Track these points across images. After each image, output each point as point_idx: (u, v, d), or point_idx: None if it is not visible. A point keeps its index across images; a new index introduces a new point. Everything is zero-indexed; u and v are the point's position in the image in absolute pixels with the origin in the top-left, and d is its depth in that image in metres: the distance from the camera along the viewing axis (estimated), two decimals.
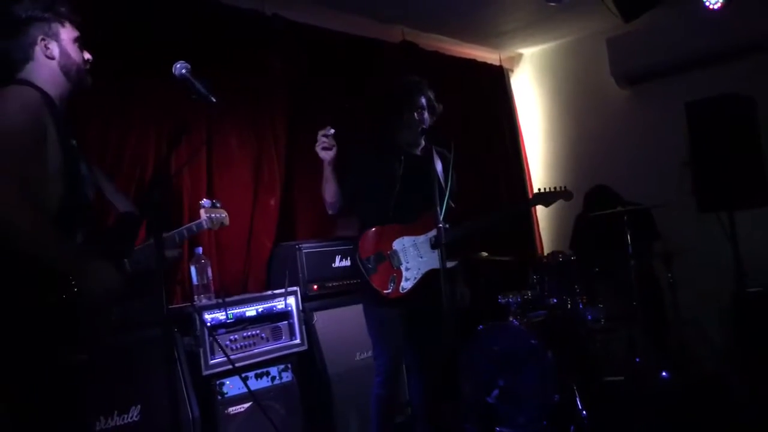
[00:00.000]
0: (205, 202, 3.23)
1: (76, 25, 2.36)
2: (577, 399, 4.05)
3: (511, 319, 4.35)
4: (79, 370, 2.02)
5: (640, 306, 4.66)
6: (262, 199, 4.49)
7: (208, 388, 3.51)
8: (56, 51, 2.29)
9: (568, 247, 5.65)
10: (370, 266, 3.42)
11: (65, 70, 2.30)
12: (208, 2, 4.39)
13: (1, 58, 2.26)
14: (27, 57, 2.26)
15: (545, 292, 4.66)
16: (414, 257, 3.45)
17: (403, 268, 3.44)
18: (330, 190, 3.41)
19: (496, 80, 6.84)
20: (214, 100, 2.21)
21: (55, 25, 2.29)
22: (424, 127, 3.50)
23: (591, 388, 4.27)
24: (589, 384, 4.29)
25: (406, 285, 3.42)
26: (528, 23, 6.01)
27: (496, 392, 4.10)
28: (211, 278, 3.82)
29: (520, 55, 7.09)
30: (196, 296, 3.73)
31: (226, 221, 3.25)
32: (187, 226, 3.03)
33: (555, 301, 4.62)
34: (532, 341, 4.09)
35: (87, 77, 2.37)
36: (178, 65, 2.25)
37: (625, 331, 4.84)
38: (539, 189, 3.81)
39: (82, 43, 2.36)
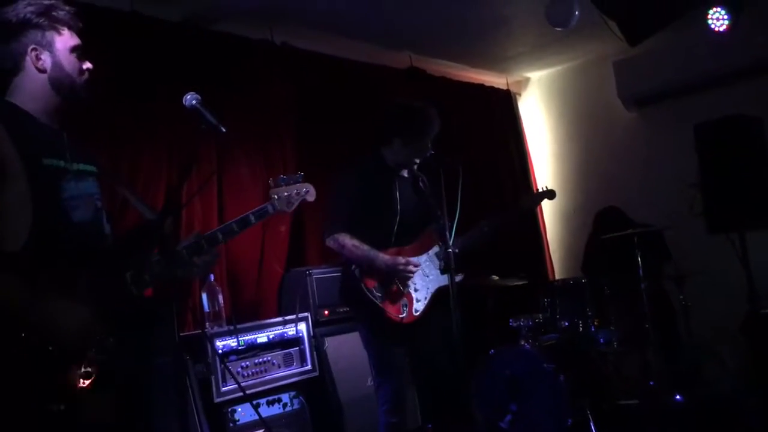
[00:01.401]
0: (273, 180, 2.63)
1: (76, 31, 2.18)
2: (591, 423, 4.01)
3: (522, 342, 4.33)
4: (58, 420, 1.84)
5: (653, 328, 4.63)
6: (272, 226, 4.52)
7: (220, 415, 3.51)
8: (48, 63, 2.11)
9: (580, 270, 5.64)
10: (379, 294, 3.37)
11: (56, 83, 2.13)
12: (219, 33, 4.47)
13: (6, 63, 2.12)
14: (17, 67, 2.11)
15: (557, 315, 4.65)
16: (421, 278, 3.45)
17: (412, 290, 3.43)
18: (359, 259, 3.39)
19: (504, 104, 6.88)
20: (224, 130, 2.21)
21: (50, 33, 2.11)
22: (432, 152, 3.52)
23: (604, 411, 4.23)
24: (603, 407, 4.25)
25: (419, 307, 3.42)
26: (534, 47, 6.06)
27: (509, 417, 4.08)
28: (222, 305, 3.84)
29: (528, 79, 7.13)
30: (207, 323, 3.73)
31: (309, 196, 2.61)
32: (238, 218, 2.46)
33: (567, 324, 4.60)
34: (545, 365, 4.07)
35: (83, 91, 2.18)
36: (189, 96, 2.26)
37: (637, 353, 4.80)
38: (522, 196, 3.88)
39: (81, 51, 2.18)
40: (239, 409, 3.58)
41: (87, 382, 1.90)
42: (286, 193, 2.54)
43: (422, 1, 4.74)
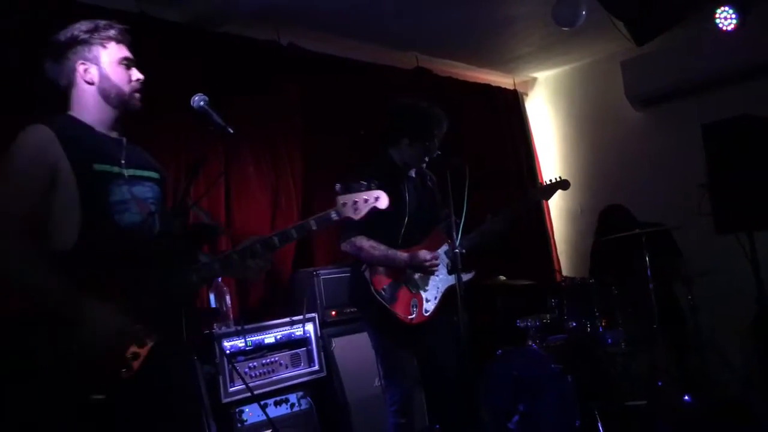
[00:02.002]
0: (341, 186, 2.45)
1: (126, 44, 2.32)
2: (599, 423, 4.01)
3: (530, 343, 4.33)
4: (98, 409, 1.95)
5: (661, 328, 4.61)
6: (279, 226, 4.52)
7: (227, 415, 3.52)
8: (96, 75, 2.26)
9: (588, 271, 5.62)
10: (388, 296, 3.36)
11: (104, 94, 2.27)
12: (225, 34, 4.48)
13: (54, 86, 2.29)
14: (71, 83, 2.28)
15: (564, 316, 4.64)
16: (430, 278, 3.45)
17: (421, 291, 3.43)
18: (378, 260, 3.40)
19: (511, 104, 6.87)
20: (232, 131, 2.23)
21: (96, 48, 2.26)
22: (439, 152, 3.52)
23: (612, 412, 4.22)
24: (611, 408, 4.24)
25: (429, 307, 3.42)
26: (541, 47, 6.05)
27: (516, 418, 4.08)
28: (229, 305, 3.85)
29: (535, 79, 7.12)
30: (215, 324, 3.74)
31: (381, 203, 2.45)
32: (297, 224, 2.39)
33: (574, 324, 4.59)
34: (552, 365, 4.07)
35: (133, 99, 2.31)
36: (197, 98, 2.27)
37: (646, 354, 4.79)
38: (536, 185, 3.83)
39: (129, 62, 2.31)
40: (247, 410, 3.58)
41: (129, 374, 2.01)
42: (354, 200, 2.41)
43: (428, 1, 4.74)
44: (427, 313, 3.40)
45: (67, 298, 2.00)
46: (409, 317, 3.36)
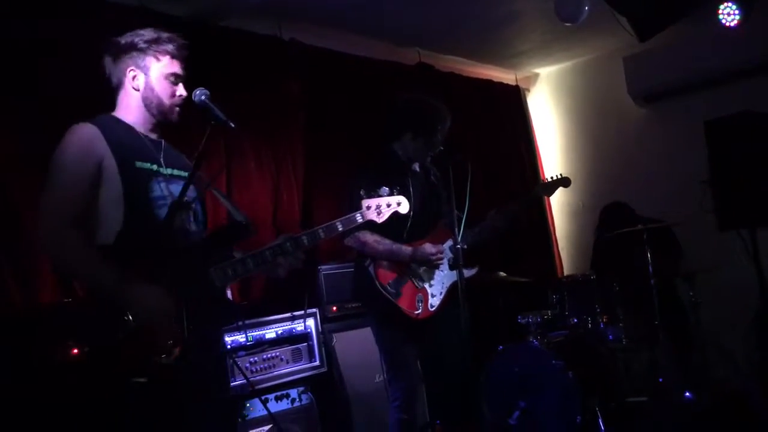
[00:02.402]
0: (364, 191, 2.66)
1: (180, 60, 2.42)
2: (600, 420, 4.01)
3: (531, 339, 4.32)
4: (139, 392, 2.07)
5: (663, 325, 4.61)
6: (280, 221, 4.52)
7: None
8: (142, 83, 2.38)
9: (589, 267, 5.62)
10: (393, 291, 3.36)
11: (147, 102, 2.39)
12: (227, 29, 4.47)
13: (108, 81, 2.42)
14: (120, 84, 2.41)
15: (565, 312, 4.64)
16: (435, 272, 3.45)
17: (427, 285, 3.43)
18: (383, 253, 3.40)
19: (513, 100, 6.86)
20: (233, 125, 2.25)
21: (149, 59, 2.37)
22: (441, 148, 3.52)
23: (613, 408, 4.22)
24: (612, 404, 4.24)
25: (434, 302, 3.42)
26: (543, 43, 6.04)
27: (517, 414, 4.07)
28: (231, 299, 3.84)
29: (537, 75, 7.11)
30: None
31: (402, 208, 2.65)
32: (325, 225, 2.53)
33: (575, 320, 4.59)
34: (553, 361, 4.06)
35: (172, 113, 2.42)
36: (198, 92, 2.29)
37: (647, 350, 4.79)
38: (538, 182, 3.86)
39: (177, 78, 2.42)
40: (248, 405, 3.58)
41: (168, 359, 2.11)
42: (376, 204, 2.62)
43: None
44: (433, 308, 3.41)
45: (116, 282, 2.11)
46: (415, 312, 3.37)
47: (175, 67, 2.42)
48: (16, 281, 3.24)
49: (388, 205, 2.63)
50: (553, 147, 7.02)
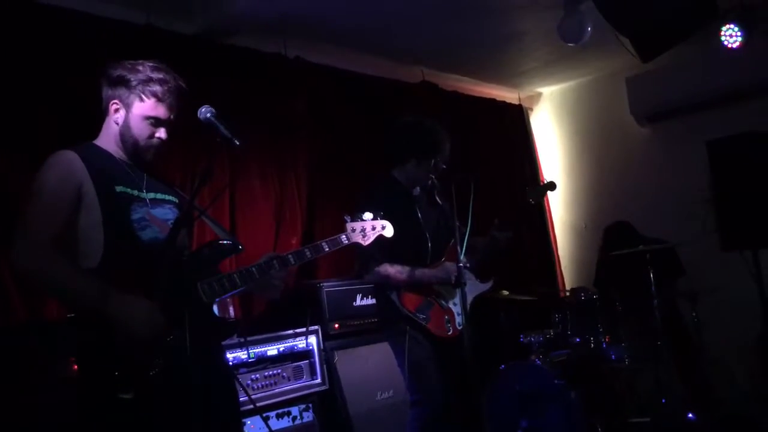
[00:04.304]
0: (350, 215, 2.74)
1: (166, 105, 2.40)
2: None
3: (533, 358, 4.31)
4: (126, 407, 2.05)
5: (666, 345, 4.59)
6: (283, 238, 4.53)
7: None
8: (121, 119, 2.39)
9: (592, 285, 5.61)
10: (423, 316, 3.37)
11: (122, 138, 2.40)
12: (232, 47, 4.50)
13: (102, 105, 2.44)
14: (105, 112, 2.43)
15: (568, 331, 4.62)
16: (456, 291, 3.45)
17: (451, 305, 3.44)
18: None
19: (516, 119, 6.88)
20: (238, 143, 2.25)
21: (134, 97, 2.37)
22: (444, 167, 3.53)
23: (616, 428, 4.20)
24: (614, 425, 4.22)
25: (460, 320, 3.43)
26: (547, 63, 6.07)
27: None
28: (233, 317, 3.84)
29: (540, 94, 7.14)
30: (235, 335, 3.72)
31: (387, 232, 2.76)
32: (311, 245, 2.60)
33: (578, 340, 4.58)
34: (556, 381, 4.05)
35: (146, 154, 2.42)
36: (203, 109, 2.29)
37: (650, 370, 4.77)
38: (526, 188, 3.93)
39: (158, 122, 2.40)
40: (249, 422, 3.56)
41: (156, 374, 2.12)
42: (362, 227, 2.71)
43: (435, 16, 4.76)
44: (460, 327, 3.42)
45: (102, 299, 2.11)
46: (448, 333, 3.40)
47: (159, 111, 2.39)
48: (21, 296, 3.25)
49: (373, 228, 2.72)
50: (556, 166, 7.03)
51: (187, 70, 4.07)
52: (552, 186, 3.98)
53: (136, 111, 2.38)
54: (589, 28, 4.63)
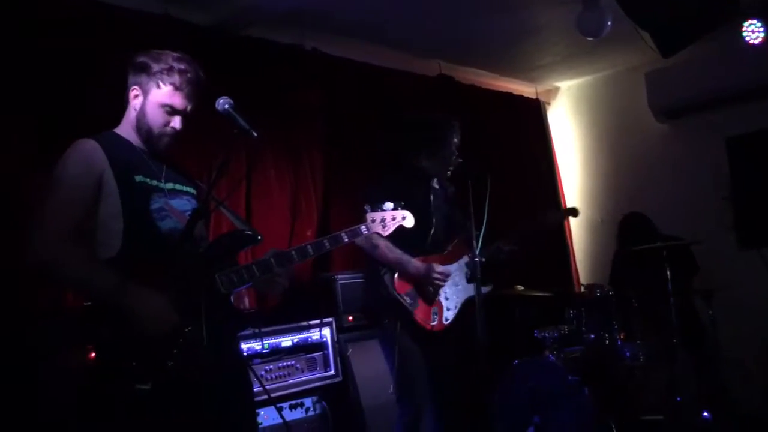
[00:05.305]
0: (370, 206, 2.73)
1: (183, 94, 2.40)
2: None
3: (547, 354, 4.29)
4: (143, 399, 2.07)
5: (681, 343, 4.56)
6: (299, 230, 4.54)
7: None
8: (138, 105, 2.40)
9: (608, 282, 5.58)
10: (411, 301, 3.37)
11: (138, 125, 2.41)
12: (249, 38, 4.50)
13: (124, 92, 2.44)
14: (126, 99, 2.44)
15: (582, 328, 4.59)
16: (451, 287, 3.45)
17: (442, 299, 3.43)
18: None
19: (533, 113, 6.84)
20: (256, 134, 2.25)
21: (152, 84, 2.38)
22: (460, 160, 3.53)
23: (629, 427, 4.17)
24: (628, 423, 4.19)
25: (448, 316, 3.42)
26: (565, 57, 6.02)
27: (531, 429, 4.04)
28: (247, 308, 3.85)
29: (557, 89, 7.09)
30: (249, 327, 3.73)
31: (407, 222, 2.74)
32: (330, 236, 2.59)
33: (593, 336, 4.54)
34: (569, 377, 4.03)
35: (159, 143, 2.42)
36: (221, 100, 2.29)
37: (665, 368, 4.73)
38: (544, 212, 3.93)
39: (174, 111, 2.40)
40: (262, 413, 3.58)
41: (174, 365, 2.13)
42: (381, 217, 2.69)
43: (453, 9, 4.73)
44: (447, 322, 3.40)
45: (119, 290, 2.12)
46: (431, 324, 3.36)
47: (175, 99, 2.39)
48: (41, 284, 3.26)
49: (393, 219, 2.70)
50: (573, 161, 6.98)
51: (203, 60, 4.10)
52: (574, 212, 4.00)
53: (152, 98, 2.38)
54: (609, 23, 4.58)
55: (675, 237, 4.85)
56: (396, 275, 3.42)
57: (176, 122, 2.42)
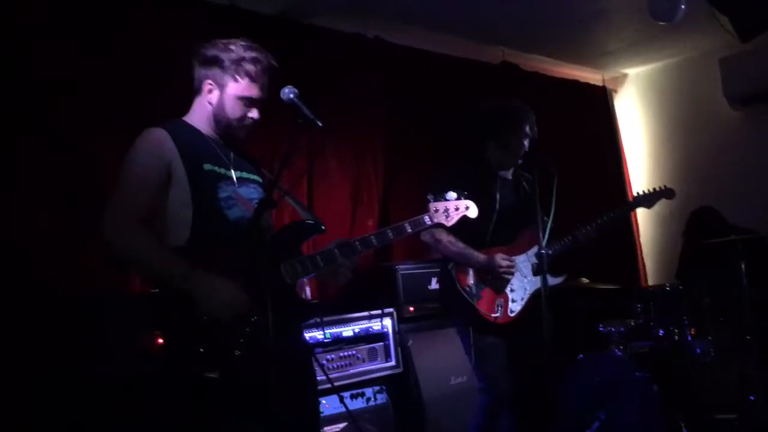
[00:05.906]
0: (433, 195, 2.69)
1: (259, 84, 2.41)
2: None
3: (613, 348, 4.18)
4: (211, 387, 2.08)
5: (755, 340, 4.38)
6: (360, 220, 4.54)
7: None
8: (215, 99, 2.41)
9: (674, 276, 5.41)
10: (473, 293, 3.34)
11: (216, 119, 2.42)
12: (313, 27, 4.51)
13: (190, 83, 2.46)
14: (197, 91, 2.45)
15: (651, 322, 4.46)
16: (518, 278, 3.40)
17: (508, 290, 3.38)
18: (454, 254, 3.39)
19: (599, 101, 6.69)
20: (321, 124, 2.23)
21: (228, 77, 2.38)
22: (526, 150, 3.45)
23: (700, 425, 4.05)
24: (698, 421, 4.06)
25: (514, 308, 3.36)
26: (634, 42, 5.84)
27: (596, 425, 3.95)
28: (309, 297, 3.88)
29: (625, 76, 6.89)
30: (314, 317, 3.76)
31: (471, 212, 2.69)
32: (393, 226, 2.57)
33: (662, 332, 4.41)
34: (637, 373, 3.92)
35: (238, 132, 2.44)
36: (287, 90, 2.28)
37: (737, 366, 4.56)
38: (638, 192, 3.76)
39: (252, 102, 2.41)
40: (324, 401, 3.59)
41: (242, 353, 2.14)
42: (445, 207, 2.65)
43: None
44: (513, 314, 3.35)
45: (187, 277, 2.13)
46: (493, 315, 3.33)
47: (253, 91, 2.40)
48: (104, 267, 3.33)
49: (456, 209, 2.65)
50: (640, 151, 6.79)
51: (268, 50, 4.15)
52: (670, 193, 3.90)
53: (230, 91, 2.39)
54: (683, 6, 4.40)
55: (750, 230, 4.67)
56: (459, 268, 3.38)
57: (254, 113, 2.44)
